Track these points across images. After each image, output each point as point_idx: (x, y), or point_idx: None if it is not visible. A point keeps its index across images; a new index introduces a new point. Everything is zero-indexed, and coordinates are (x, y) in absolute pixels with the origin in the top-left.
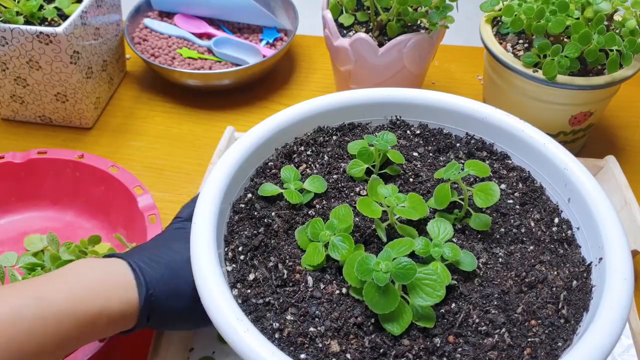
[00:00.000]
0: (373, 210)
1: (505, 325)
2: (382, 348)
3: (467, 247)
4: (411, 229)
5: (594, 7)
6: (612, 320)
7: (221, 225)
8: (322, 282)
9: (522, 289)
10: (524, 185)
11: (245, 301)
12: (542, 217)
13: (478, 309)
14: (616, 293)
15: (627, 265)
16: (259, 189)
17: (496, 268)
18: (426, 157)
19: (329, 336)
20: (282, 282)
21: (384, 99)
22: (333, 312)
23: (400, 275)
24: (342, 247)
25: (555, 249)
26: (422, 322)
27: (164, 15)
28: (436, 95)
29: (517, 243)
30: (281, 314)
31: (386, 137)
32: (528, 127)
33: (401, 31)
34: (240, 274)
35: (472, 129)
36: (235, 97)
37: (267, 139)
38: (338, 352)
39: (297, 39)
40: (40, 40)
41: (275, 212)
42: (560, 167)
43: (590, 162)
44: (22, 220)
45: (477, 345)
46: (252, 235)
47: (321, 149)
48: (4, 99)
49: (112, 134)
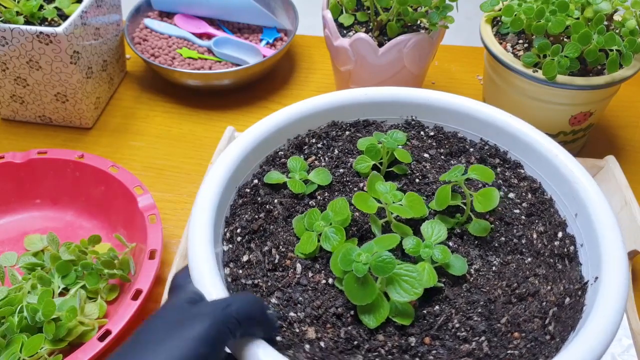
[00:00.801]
0: (369, 205)
1: (486, 334)
2: (356, 340)
3: (462, 252)
4: (406, 228)
5: (594, 7)
6: (596, 336)
7: (223, 206)
8: (311, 270)
9: (511, 300)
10: (534, 196)
11: (235, 280)
12: (546, 230)
13: (461, 314)
14: (604, 314)
15: (621, 287)
16: (265, 176)
17: (488, 276)
18: (437, 159)
19: (307, 323)
20: (272, 267)
21: (401, 98)
22: (316, 300)
23: (379, 268)
24: (333, 238)
25: (554, 263)
26: (398, 319)
27: (164, 15)
28: (453, 98)
29: (515, 253)
30: (267, 297)
31: (395, 136)
32: (542, 137)
33: (401, 31)
34: (235, 254)
35: (487, 135)
36: (235, 97)
37: (279, 128)
38: (313, 339)
39: (297, 39)
40: (40, 40)
41: (278, 199)
42: (570, 180)
43: (590, 162)
44: (22, 220)
45: (453, 349)
46: (253, 219)
47: (332, 142)
48: (4, 99)
49: (112, 134)
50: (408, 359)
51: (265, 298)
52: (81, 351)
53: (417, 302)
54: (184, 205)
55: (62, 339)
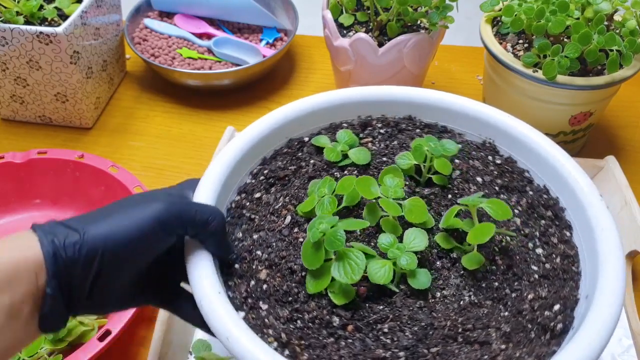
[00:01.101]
0: (370, 191)
1: (407, 352)
2: (292, 297)
3: (442, 274)
4: (396, 225)
5: (594, 7)
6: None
7: (264, 148)
8: (298, 227)
9: (456, 338)
10: (562, 262)
11: (238, 208)
12: (546, 297)
13: (396, 323)
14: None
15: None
16: (314, 138)
17: (450, 306)
18: (487, 187)
19: (265, 265)
20: (272, 211)
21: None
22: (284, 250)
23: (329, 240)
24: (326, 206)
25: (529, 329)
26: (333, 295)
27: (164, 15)
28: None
29: (497, 302)
30: (251, 232)
31: (447, 145)
32: (597, 204)
33: (401, 31)
34: (252, 188)
35: (555, 188)
36: (235, 97)
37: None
38: (262, 279)
39: (297, 39)
40: (40, 40)
41: (314, 160)
42: (599, 260)
43: (590, 162)
44: (22, 220)
45: (367, 348)
46: (285, 167)
47: (398, 134)
48: (4, 99)
49: (112, 134)
50: (325, 334)
51: (249, 232)
52: (81, 351)
53: (367, 292)
54: None
55: (62, 339)
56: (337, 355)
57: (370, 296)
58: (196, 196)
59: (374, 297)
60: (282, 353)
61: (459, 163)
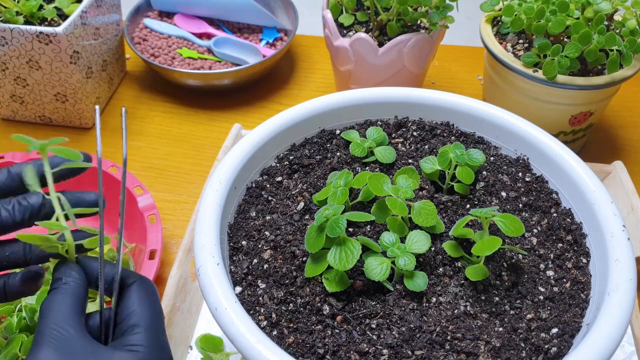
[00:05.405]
0: (381, 188)
1: (391, 350)
2: (289, 280)
3: (441, 281)
4: (403, 226)
5: (594, 7)
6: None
7: (294, 135)
8: (309, 213)
9: (443, 344)
10: (572, 287)
11: (257, 188)
12: (546, 320)
13: (385, 320)
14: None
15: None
16: (344, 132)
17: (443, 313)
18: (509, 202)
19: (271, 246)
20: (289, 196)
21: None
22: (291, 235)
23: (330, 226)
24: (338, 196)
25: (520, 348)
26: (326, 282)
27: (164, 15)
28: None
29: (493, 317)
30: (265, 213)
31: (473, 155)
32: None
33: (401, 31)
34: (274, 172)
35: (581, 213)
36: (235, 97)
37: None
38: (265, 259)
39: (297, 39)
40: (40, 40)
41: (340, 153)
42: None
43: (598, 167)
44: None
45: (352, 340)
46: (310, 156)
47: (430, 137)
48: (4, 99)
49: (112, 134)
50: (313, 321)
51: (262, 212)
52: None
53: (362, 286)
54: (184, 206)
55: None
56: (321, 343)
57: (365, 291)
58: (221, 164)
59: (369, 293)
60: (271, 332)
61: (486, 175)
